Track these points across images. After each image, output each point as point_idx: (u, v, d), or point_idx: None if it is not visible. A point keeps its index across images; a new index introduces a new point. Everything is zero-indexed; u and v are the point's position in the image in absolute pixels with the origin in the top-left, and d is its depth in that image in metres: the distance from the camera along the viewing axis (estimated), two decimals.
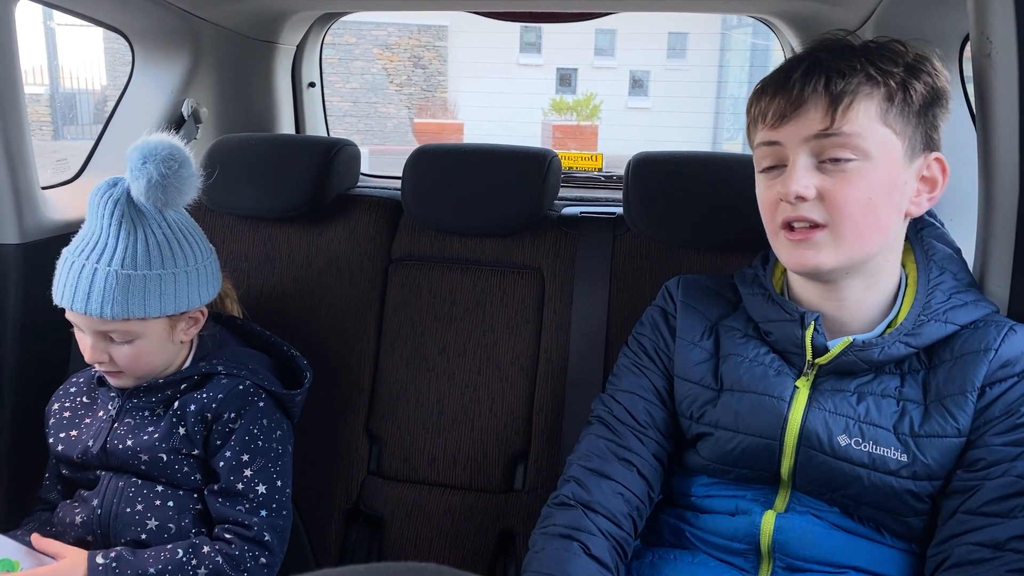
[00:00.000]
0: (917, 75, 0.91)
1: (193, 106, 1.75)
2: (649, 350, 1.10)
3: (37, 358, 1.43)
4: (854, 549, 0.94)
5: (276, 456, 1.16)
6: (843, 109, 0.88)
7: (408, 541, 1.38)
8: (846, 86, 0.89)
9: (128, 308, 1.06)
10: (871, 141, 0.89)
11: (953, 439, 0.89)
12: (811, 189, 0.90)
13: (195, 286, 1.12)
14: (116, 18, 1.63)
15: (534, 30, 16.70)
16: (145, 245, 1.07)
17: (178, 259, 1.10)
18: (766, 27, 1.98)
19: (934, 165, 0.94)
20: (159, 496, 1.13)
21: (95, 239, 1.07)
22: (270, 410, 1.18)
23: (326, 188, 1.45)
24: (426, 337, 1.43)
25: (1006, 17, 0.89)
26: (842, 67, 0.90)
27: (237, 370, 1.17)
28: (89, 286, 1.05)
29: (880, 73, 0.90)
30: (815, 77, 0.90)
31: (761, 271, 1.06)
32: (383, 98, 17.28)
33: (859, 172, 0.89)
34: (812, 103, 0.90)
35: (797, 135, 0.91)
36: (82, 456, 1.15)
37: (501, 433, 1.38)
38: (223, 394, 1.14)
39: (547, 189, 1.42)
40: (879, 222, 0.91)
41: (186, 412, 1.13)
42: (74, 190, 1.64)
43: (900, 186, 0.91)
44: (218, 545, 1.10)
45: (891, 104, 0.90)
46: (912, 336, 0.92)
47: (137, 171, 1.04)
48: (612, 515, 0.99)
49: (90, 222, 1.08)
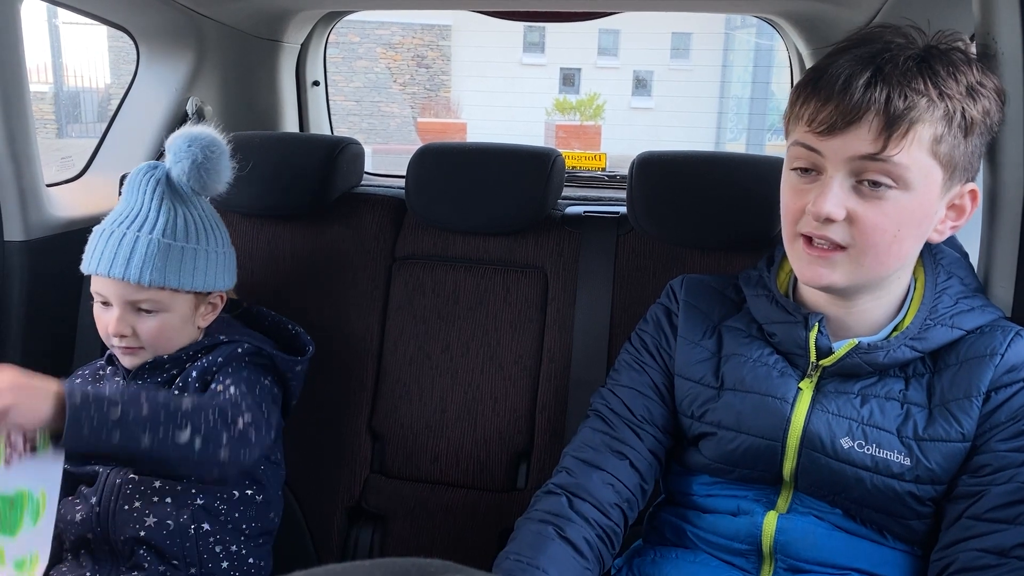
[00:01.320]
0: (976, 99, 0.86)
1: (197, 104, 1.75)
2: (650, 347, 1.10)
3: (41, 355, 1.43)
4: (856, 551, 0.93)
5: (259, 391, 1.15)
6: (898, 136, 0.83)
7: (411, 539, 1.38)
8: (906, 111, 0.83)
9: (165, 276, 1.11)
10: (915, 172, 0.85)
11: (958, 444, 0.88)
12: (842, 211, 0.86)
13: (223, 268, 1.19)
14: (121, 16, 1.63)
15: (537, 30, 16.70)
16: (184, 220, 1.14)
17: (211, 238, 1.17)
18: (770, 27, 1.98)
19: (967, 196, 0.91)
20: (157, 492, 1.13)
21: (136, 211, 1.13)
22: (259, 368, 1.18)
23: (330, 186, 1.45)
24: (429, 336, 1.43)
25: (1011, 17, 0.89)
26: (905, 87, 0.83)
27: (239, 337, 1.20)
28: (130, 252, 1.10)
29: (941, 97, 0.84)
30: (875, 92, 0.83)
31: (766, 273, 1.05)
32: (387, 97, 17.30)
33: (894, 201, 0.85)
34: (866, 121, 0.84)
35: (842, 152, 0.86)
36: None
37: (504, 432, 1.38)
38: (222, 357, 1.16)
39: (551, 188, 1.42)
40: (901, 251, 0.89)
41: (188, 382, 1.15)
42: (78, 188, 1.65)
43: (930, 216, 0.89)
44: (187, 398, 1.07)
45: (945, 132, 0.85)
46: (918, 340, 0.92)
47: (183, 152, 1.12)
48: (599, 503, 0.98)
49: (129, 197, 1.14)
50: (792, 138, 0.92)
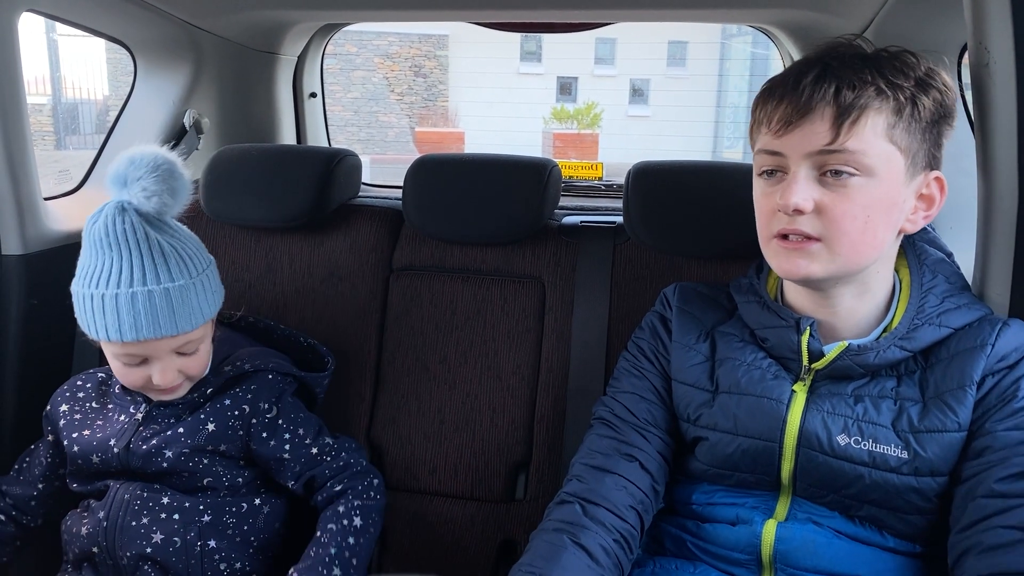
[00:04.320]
0: (927, 90, 0.90)
1: (195, 117, 1.75)
2: (648, 353, 1.11)
3: (40, 368, 1.43)
4: (856, 558, 0.94)
5: (317, 420, 1.24)
6: (849, 123, 0.87)
7: (409, 550, 1.38)
8: (855, 99, 0.87)
9: (176, 321, 1.08)
10: (874, 158, 0.88)
11: (954, 434, 0.89)
12: (810, 203, 0.89)
13: (213, 291, 1.16)
14: (118, 30, 1.64)
15: (534, 39, 16.78)
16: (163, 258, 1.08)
17: (195, 263, 1.13)
18: (765, 36, 1.99)
19: (933, 184, 0.94)
20: (164, 509, 1.13)
21: (112, 269, 1.05)
22: (299, 403, 1.25)
23: (327, 198, 1.45)
24: (427, 347, 1.43)
25: (1003, 27, 0.90)
26: (852, 78, 0.88)
27: (263, 365, 1.21)
28: (131, 313, 1.05)
29: (890, 87, 0.88)
30: (824, 85, 0.88)
31: (756, 279, 1.07)
32: (384, 107, 17.35)
33: (859, 188, 0.89)
34: (819, 113, 0.88)
35: (801, 148, 0.90)
36: (101, 456, 1.15)
37: (502, 442, 1.38)
38: (255, 385, 1.19)
39: (547, 199, 1.42)
40: (875, 239, 0.91)
41: (217, 409, 1.16)
42: (76, 201, 1.65)
43: (899, 204, 0.92)
44: (341, 506, 1.16)
45: (898, 119, 0.89)
46: (907, 340, 0.94)
47: (130, 182, 1.05)
48: (615, 507, 0.98)
49: (95, 259, 1.07)
50: (756, 147, 0.97)
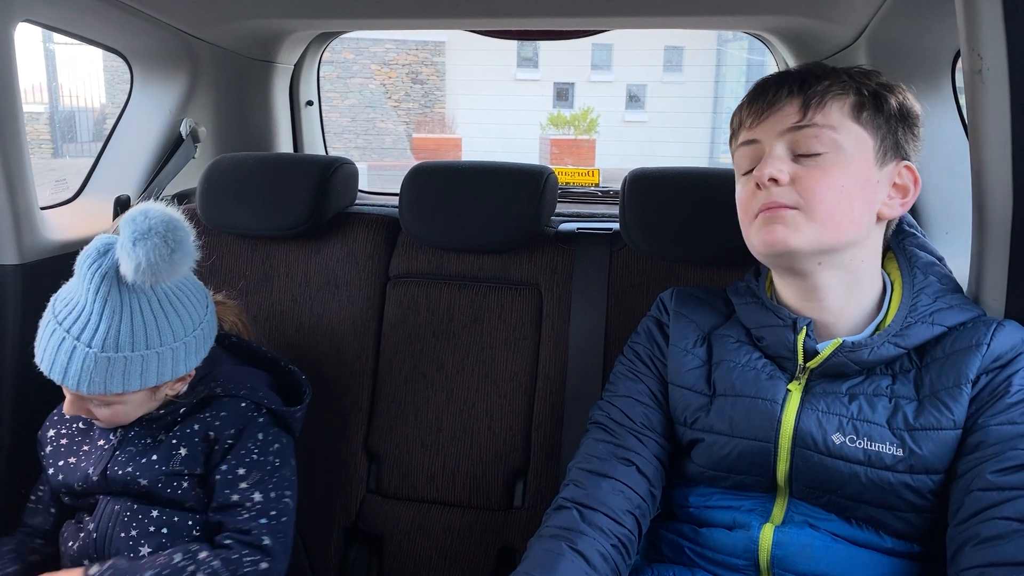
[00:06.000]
0: (890, 90, 0.97)
1: (191, 125, 1.76)
2: (644, 357, 1.11)
3: (37, 378, 1.42)
4: (853, 561, 0.94)
5: (273, 468, 1.16)
6: (816, 104, 0.94)
7: (408, 559, 1.37)
8: (818, 86, 0.95)
9: (106, 386, 1.04)
10: (844, 135, 0.94)
11: (949, 432, 0.90)
12: (785, 174, 0.93)
13: (180, 358, 1.09)
14: (114, 39, 1.64)
15: (531, 45, 16.79)
16: (130, 326, 1.03)
17: (164, 336, 1.06)
18: (761, 43, 2.00)
19: (905, 173, 0.97)
20: (153, 522, 1.13)
21: (79, 310, 1.03)
22: (268, 425, 1.18)
23: (324, 206, 1.46)
24: (424, 354, 1.43)
25: (996, 33, 0.90)
26: (817, 74, 0.97)
27: (236, 390, 1.17)
28: (67, 361, 1.03)
29: (853, 80, 0.96)
30: (789, 81, 0.97)
31: (753, 282, 1.09)
32: (381, 114, 17.36)
33: (833, 164, 0.93)
34: (788, 102, 0.96)
35: (774, 129, 0.96)
36: (82, 484, 1.15)
37: (500, 450, 1.38)
38: (225, 412, 1.15)
39: (544, 205, 1.42)
40: (852, 212, 0.93)
41: (187, 434, 1.13)
42: (73, 210, 1.65)
43: (872, 184, 0.95)
44: (217, 551, 1.10)
45: (863, 106, 0.95)
46: (900, 337, 0.94)
47: (128, 252, 0.99)
48: (612, 511, 0.99)
49: (76, 286, 1.05)
50: (735, 151, 1.03)
